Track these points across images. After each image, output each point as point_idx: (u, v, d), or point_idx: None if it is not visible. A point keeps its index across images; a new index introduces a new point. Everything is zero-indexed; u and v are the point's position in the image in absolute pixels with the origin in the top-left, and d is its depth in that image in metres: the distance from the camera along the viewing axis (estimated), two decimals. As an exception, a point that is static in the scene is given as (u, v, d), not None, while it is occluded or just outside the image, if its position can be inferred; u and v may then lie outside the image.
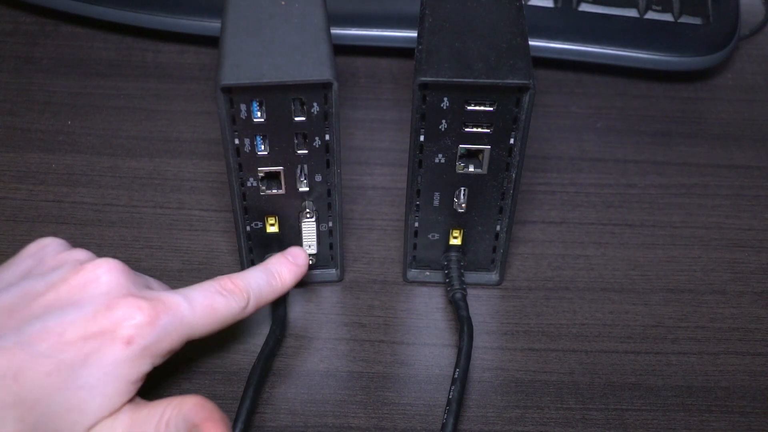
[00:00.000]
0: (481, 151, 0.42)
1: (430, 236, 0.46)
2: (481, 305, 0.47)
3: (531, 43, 0.43)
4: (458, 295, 0.45)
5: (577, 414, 0.43)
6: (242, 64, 0.40)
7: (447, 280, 0.46)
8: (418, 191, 0.44)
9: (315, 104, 0.40)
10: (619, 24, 0.59)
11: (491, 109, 0.41)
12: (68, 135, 0.55)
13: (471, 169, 0.43)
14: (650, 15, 0.59)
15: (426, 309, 0.47)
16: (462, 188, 0.44)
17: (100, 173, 0.53)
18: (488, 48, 0.40)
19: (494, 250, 0.47)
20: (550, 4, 0.59)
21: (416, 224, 0.46)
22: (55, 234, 0.49)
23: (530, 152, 0.54)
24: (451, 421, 0.40)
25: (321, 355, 0.45)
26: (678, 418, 0.43)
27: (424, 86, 0.40)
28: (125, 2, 0.60)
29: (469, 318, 0.44)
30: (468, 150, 0.42)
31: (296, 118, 0.41)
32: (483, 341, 0.45)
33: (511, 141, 0.42)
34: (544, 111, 0.58)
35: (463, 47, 0.40)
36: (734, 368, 0.45)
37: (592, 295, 0.48)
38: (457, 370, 0.42)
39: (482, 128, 0.41)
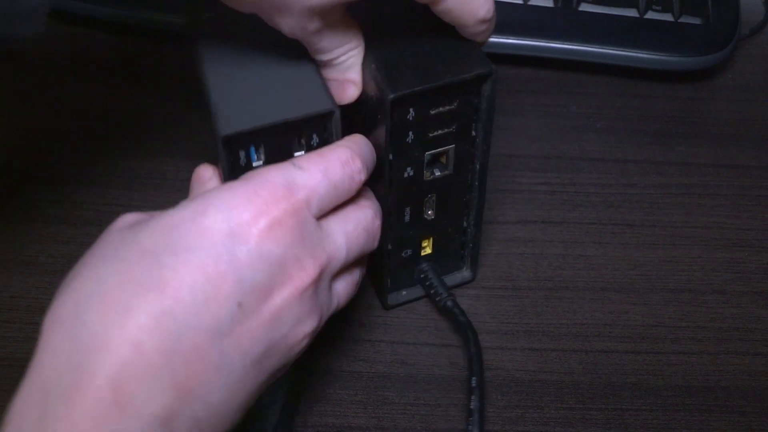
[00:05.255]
0: (445, 152, 0.42)
1: (403, 254, 0.45)
2: (481, 305, 0.47)
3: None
4: (449, 303, 0.45)
5: (577, 414, 0.43)
6: (238, 110, 0.37)
7: (432, 291, 0.45)
8: (389, 211, 0.42)
9: (314, 135, 0.39)
10: (619, 24, 0.59)
11: (454, 107, 0.40)
12: (68, 135, 0.55)
13: (438, 173, 0.42)
14: (650, 15, 0.59)
15: (426, 309, 0.47)
16: (430, 195, 0.43)
17: (100, 173, 0.53)
18: (437, 51, 0.40)
19: (463, 246, 0.46)
20: (550, 4, 0.59)
21: (389, 246, 0.44)
22: (55, 234, 0.49)
23: (531, 152, 0.54)
24: None
25: (321, 355, 0.45)
26: (678, 418, 0.43)
27: (397, 101, 0.38)
28: (125, 2, 0.60)
29: (469, 322, 0.44)
30: (432, 155, 0.41)
31: (296, 154, 0.39)
32: (483, 341, 0.45)
33: (473, 133, 0.41)
34: (544, 111, 0.58)
35: (414, 57, 0.39)
36: (734, 368, 0.45)
37: (592, 295, 0.48)
38: (474, 378, 0.41)
39: (447, 129, 0.40)
